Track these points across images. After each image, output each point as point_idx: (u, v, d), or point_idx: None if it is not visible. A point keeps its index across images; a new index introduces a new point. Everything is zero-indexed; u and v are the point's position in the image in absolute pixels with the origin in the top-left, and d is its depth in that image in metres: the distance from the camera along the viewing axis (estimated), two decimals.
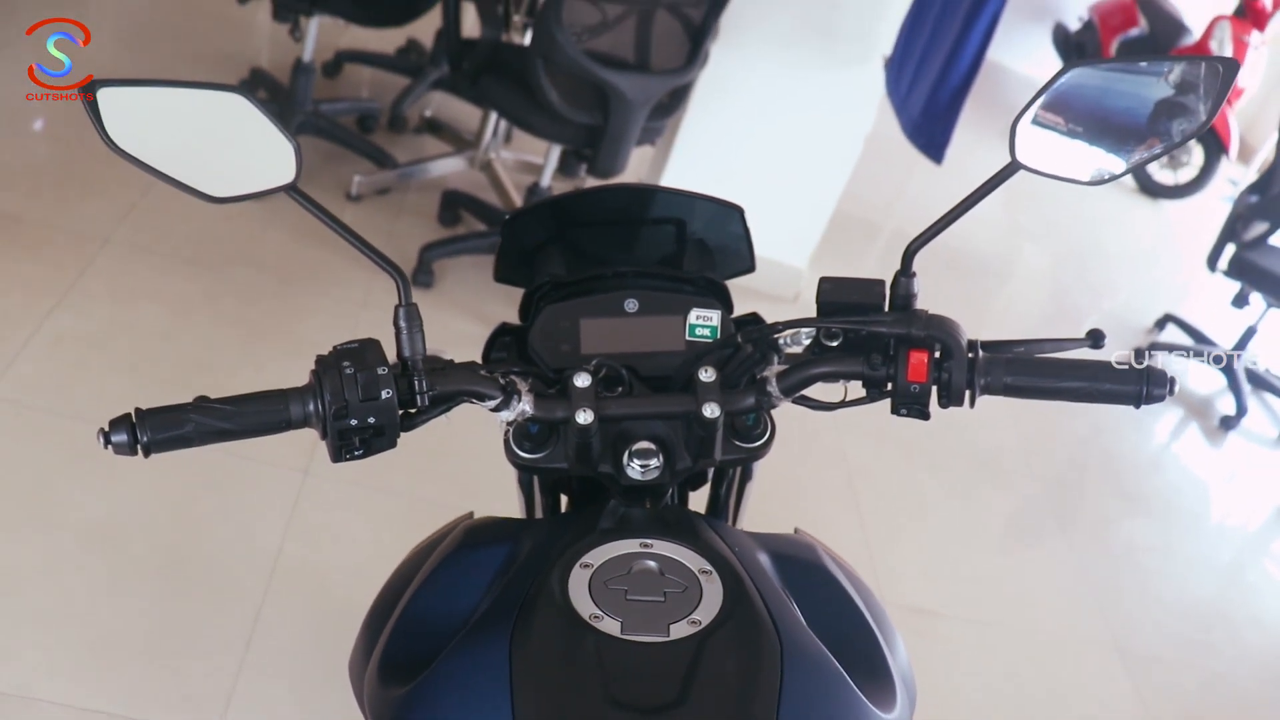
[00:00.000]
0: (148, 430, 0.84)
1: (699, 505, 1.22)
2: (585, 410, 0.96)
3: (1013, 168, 0.94)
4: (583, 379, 0.98)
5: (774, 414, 1.06)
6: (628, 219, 1.21)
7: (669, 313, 1.09)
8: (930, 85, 3.14)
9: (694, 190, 1.16)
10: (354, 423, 0.88)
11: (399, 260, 0.94)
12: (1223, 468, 3.98)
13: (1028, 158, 0.94)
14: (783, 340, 1.05)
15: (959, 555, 2.89)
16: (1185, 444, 4.06)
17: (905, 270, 0.98)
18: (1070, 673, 2.63)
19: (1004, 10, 2.97)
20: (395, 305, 0.93)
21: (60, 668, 1.82)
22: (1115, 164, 0.94)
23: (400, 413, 0.91)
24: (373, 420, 0.88)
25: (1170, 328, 4.54)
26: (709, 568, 0.92)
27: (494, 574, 0.98)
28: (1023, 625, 2.73)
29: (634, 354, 1.07)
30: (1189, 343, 4.48)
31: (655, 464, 1.00)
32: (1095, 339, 1.03)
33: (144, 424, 0.84)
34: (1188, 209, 6.58)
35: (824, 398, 1.05)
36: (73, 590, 1.95)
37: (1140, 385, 0.93)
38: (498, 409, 0.97)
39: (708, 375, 0.99)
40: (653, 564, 0.92)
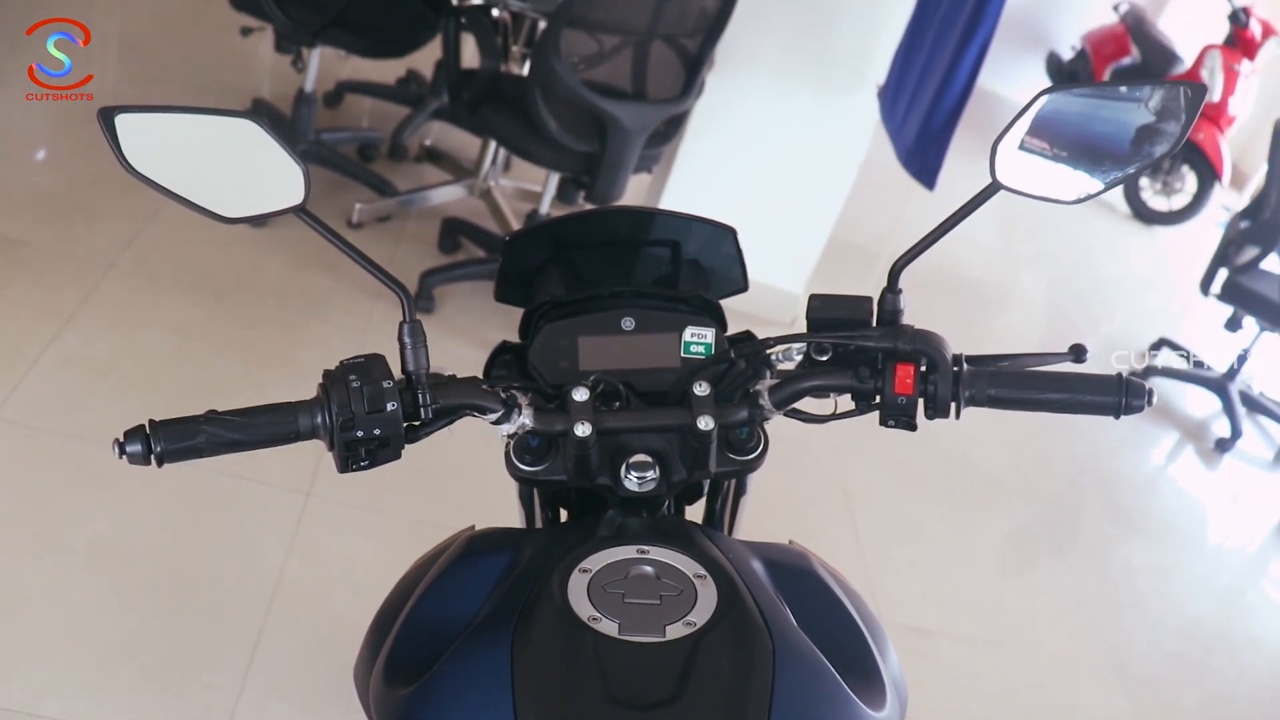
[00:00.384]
0: (161, 440, 0.86)
1: (695, 519, 1.24)
2: (583, 423, 0.99)
3: (994, 188, 0.97)
4: (581, 393, 1.01)
5: (768, 429, 1.09)
6: (624, 240, 1.24)
7: (664, 330, 1.11)
8: (924, 113, 3.18)
9: (688, 212, 1.20)
10: (360, 434, 0.91)
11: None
12: (1219, 490, 4.01)
13: (1008, 178, 0.97)
14: (775, 357, 1.08)
15: (958, 576, 2.91)
16: (1181, 467, 4.09)
17: (892, 287, 1.02)
18: (1069, 693, 2.64)
19: (995, 38, 3.02)
20: (400, 321, 0.96)
21: (65, 686, 1.83)
22: (1092, 183, 0.97)
23: (405, 425, 0.93)
24: (378, 432, 0.91)
25: (1165, 351, 4.58)
26: (703, 572, 0.95)
27: (495, 580, 1.00)
28: (1022, 645, 2.74)
29: (631, 370, 1.09)
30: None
31: (652, 476, 1.02)
32: (1078, 354, 1.06)
33: (157, 435, 0.86)
34: (1182, 235, 6.64)
35: (815, 412, 1.08)
36: (78, 609, 1.97)
37: (1119, 396, 0.96)
38: (499, 422, 0.99)
39: (702, 389, 1.02)
40: (649, 569, 0.95)
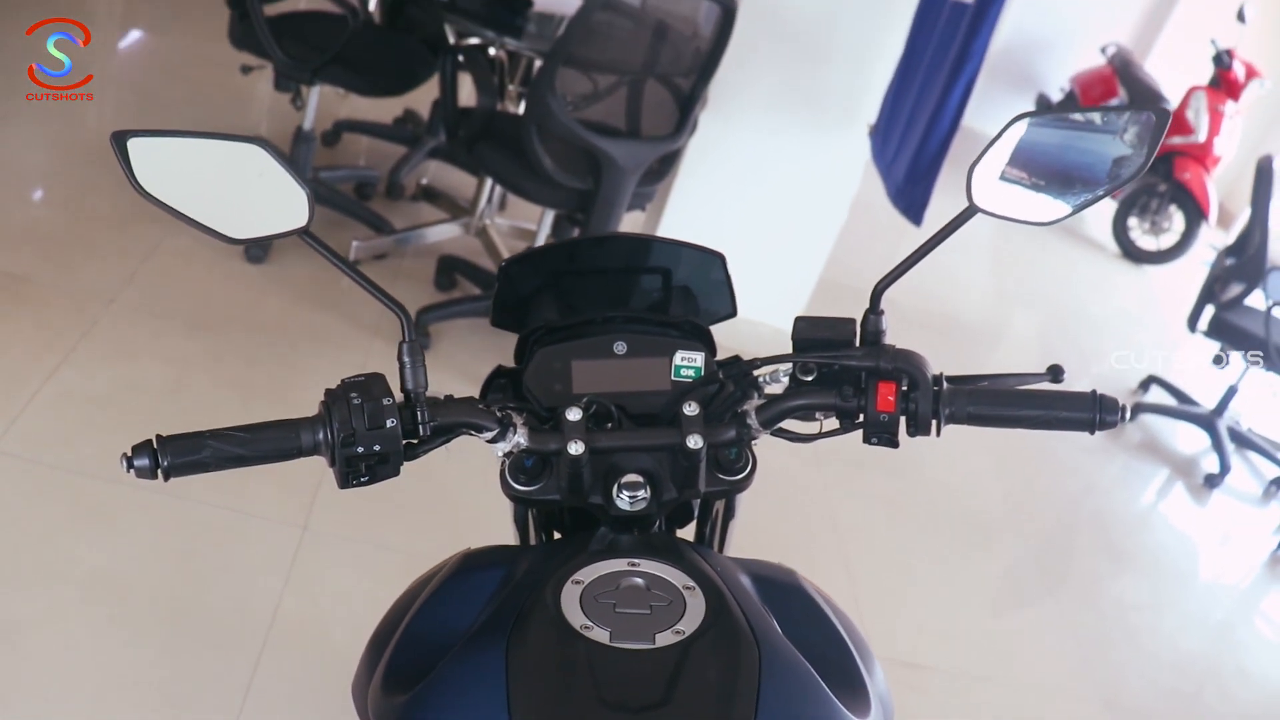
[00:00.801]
0: (168, 455, 0.89)
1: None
2: (577, 442, 1.02)
3: (970, 211, 1.02)
4: (575, 413, 1.04)
5: (756, 451, 1.12)
6: (617, 266, 1.27)
7: (656, 354, 1.15)
8: (912, 150, 3.23)
9: (678, 239, 1.23)
10: (360, 450, 0.94)
11: (396, 321, 0.99)
12: (1209, 525, 4.02)
13: (984, 201, 1.01)
14: (762, 379, 1.12)
15: (949, 612, 2.92)
16: (1171, 503, 4.11)
17: (874, 308, 1.06)
18: None
19: (986, 80, 3.08)
20: (399, 341, 0.99)
21: (62, 718, 1.84)
22: (1063, 206, 1.01)
23: (404, 442, 0.96)
24: (378, 448, 0.94)
25: (1154, 389, 4.62)
26: (692, 584, 0.97)
27: (491, 593, 1.03)
28: (1013, 680, 2.75)
29: (623, 393, 1.12)
30: (1173, 403, 4.55)
31: (643, 495, 1.05)
32: (1055, 374, 1.09)
33: (164, 449, 0.89)
34: (1170, 274, 6.70)
35: (801, 431, 1.12)
36: (75, 641, 1.98)
37: (1093, 412, 0.99)
38: (494, 440, 1.02)
39: (691, 409, 1.05)
40: (639, 580, 0.98)
